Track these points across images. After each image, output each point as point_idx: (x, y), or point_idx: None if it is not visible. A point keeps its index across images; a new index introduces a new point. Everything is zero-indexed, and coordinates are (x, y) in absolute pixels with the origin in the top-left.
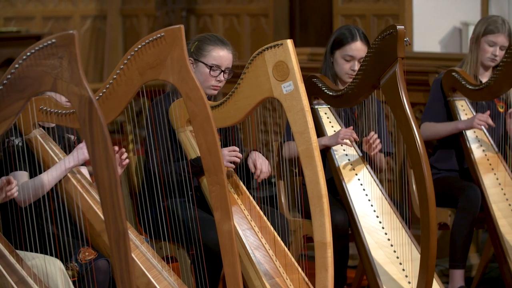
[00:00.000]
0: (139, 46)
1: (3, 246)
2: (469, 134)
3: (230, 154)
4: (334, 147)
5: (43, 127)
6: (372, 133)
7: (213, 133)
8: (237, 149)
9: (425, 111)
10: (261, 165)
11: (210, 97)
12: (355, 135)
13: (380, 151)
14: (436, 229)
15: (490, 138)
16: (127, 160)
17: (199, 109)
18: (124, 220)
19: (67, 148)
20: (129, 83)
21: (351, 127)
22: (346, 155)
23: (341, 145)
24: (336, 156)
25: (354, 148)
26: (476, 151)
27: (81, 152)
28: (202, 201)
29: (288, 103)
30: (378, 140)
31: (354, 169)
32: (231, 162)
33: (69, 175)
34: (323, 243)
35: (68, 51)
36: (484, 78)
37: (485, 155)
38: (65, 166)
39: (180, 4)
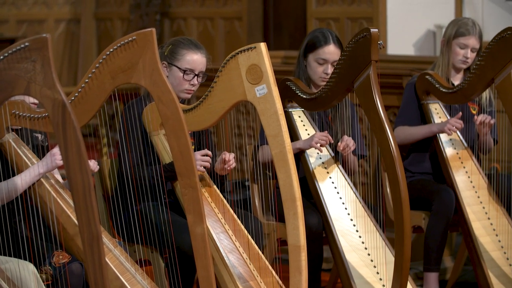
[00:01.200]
0: (111, 50)
1: None
2: (443, 137)
3: (203, 158)
4: (308, 151)
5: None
6: (345, 137)
7: (185, 136)
8: (210, 153)
9: (399, 114)
10: (229, 155)
11: (184, 101)
12: (330, 138)
13: (354, 153)
14: (410, 232)
15: (464, 141)
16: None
17: (171, 112)
18: (97, 223)
19: (36, 147)
20: (101, 86)
21: (326, 131)
22: (320, 158)
23: (315, 149)
24: (310, 159)
25: (328, 152)
26: (450, 154)
27: (53, 159)
28: (176, 204)
29: (261, 106)
30: (352, 141)
31: (328, 172)
32: (203, 167)
33: (42, 179)
34: (297, 246)
35: (41, 55)
36: (456, 80)
37: (459, 157)
38: (38, 171)
39: (154, 8)
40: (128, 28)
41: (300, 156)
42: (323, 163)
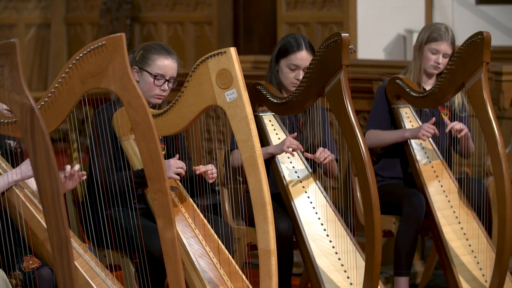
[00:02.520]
0: (81, 55)
1: None
2: (414, 142)
3: (177, 165)
4: (278, 156)
5: None
6: (320, 149)
7: (155, 141)
8: (184, 164)
9: (369, 118)
10: (203, 167)
11: (154, 106)
12: (300, 147)
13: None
14: (380, 237)
15: (434, 146)
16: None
17: (140, 117)
18: (66, 228)
19: (8, 154)
20: (71, 91)
21: (295, 133)
22: (291, 162)
23: (286, 153)
24: (281, 164)
25: (299, 156)
26: (421, 159)
27: (28, 169)
28: (147, 210)
29: (231, 111)
30: (328, 153)
31: (298, 177)
32: (177, 174)
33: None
34: (267, 251)
35: (9, 60)
36: (428, 85)
37: (430, 162)
38: (12, 178)
39: (124, 12)
40: (98, 33)
41: (270, 161)
42: (293, 167)
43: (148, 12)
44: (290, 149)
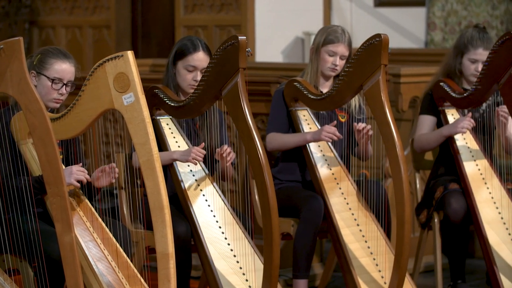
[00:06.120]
0: None
1: None
2: (312, 145)
3: (78, 173)
4: None
5: None
6: (225, 146)
7: (53, 145)
8: (85, 171)
9: (269, 122)
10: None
11: (52, 110)
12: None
13: (232, 163)
14: (278, 239)
15: (333, 149)
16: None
17: (38, 121)
18: None
19: None
20: None
21: (203, 143)
22: (188, 165)
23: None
24: (179, 168)
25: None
26: (319, 161)
27: None
28: (46, 214)
29: (129, 115)
30: (231, 152)
31: (196, 180)
32: (79, 181)
33: None
34: (165, 254)
35: None
36: (325, 88)
37: (328, 164)
38: None
39: (23, 16)
40: None
41: (168, 164)
42: (191, 171)
43: (47, 16)
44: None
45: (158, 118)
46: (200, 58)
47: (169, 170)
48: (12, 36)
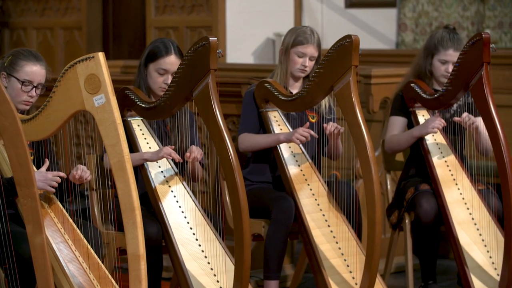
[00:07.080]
0: None
1: None
2: (282, 146)
3: (52, 179)
4: None
5: None
6: (193, 147)
7: (24, 146)
8: (62, 174)
9: (240, 123)
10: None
11: (22, 112)
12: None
13: (200, 163)
14: (249, 240)
15: (303, 149)
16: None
17: (9, 122)
18: None
19: None
20: None
21: (173, 146)
22: (159, 167)
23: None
24: (150, 169)
25: (168, 161)
26: (290, 162)
27: None
28: (17, 215)
29: (100, 116)
30: (197, 150)
31: (167, 181)
32: (52, 187)
33: None
34: (137, 256)
35: None
36: (294, 89)
37: (299, 165)
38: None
39: None
40: None
41: (139, 165)
42: (162, 172)
43: (18, 18)
44: (169, 157)
45: (129, 119)
46: (172, 62)
47: (140, 171)
48: None
